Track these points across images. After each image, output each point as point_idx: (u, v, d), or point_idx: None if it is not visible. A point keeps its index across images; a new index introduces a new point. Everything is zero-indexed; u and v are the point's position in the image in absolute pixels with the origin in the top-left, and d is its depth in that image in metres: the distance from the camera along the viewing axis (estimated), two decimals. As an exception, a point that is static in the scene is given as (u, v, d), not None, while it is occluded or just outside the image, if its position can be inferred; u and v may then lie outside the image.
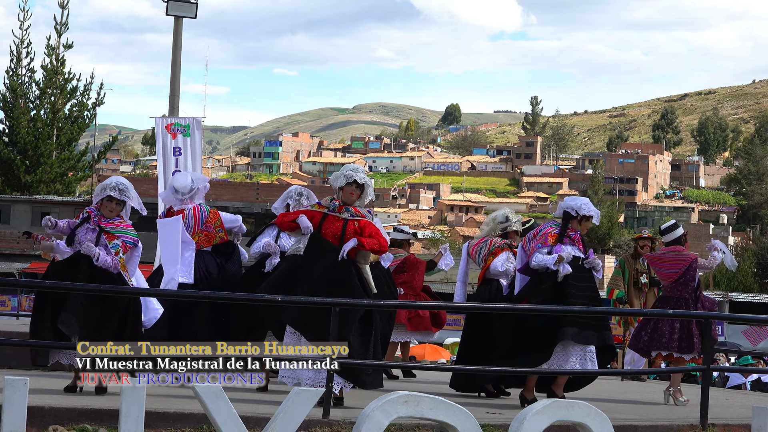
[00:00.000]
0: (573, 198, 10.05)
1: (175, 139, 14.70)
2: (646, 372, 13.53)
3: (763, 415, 7.40)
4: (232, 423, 6.22)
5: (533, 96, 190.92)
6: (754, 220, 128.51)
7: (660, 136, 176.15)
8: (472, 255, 10.95)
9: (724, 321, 29.84)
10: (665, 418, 9.26)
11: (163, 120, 15.21)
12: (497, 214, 11.02)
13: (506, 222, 10.90)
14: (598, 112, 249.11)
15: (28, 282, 9.95)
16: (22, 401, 6.04)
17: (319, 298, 8.39)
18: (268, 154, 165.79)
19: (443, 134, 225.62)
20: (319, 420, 7.58)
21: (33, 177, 45.42)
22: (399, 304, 11.30)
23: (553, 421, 6.56)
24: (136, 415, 6.09)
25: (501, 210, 11.18)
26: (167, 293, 8.75)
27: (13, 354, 9.99)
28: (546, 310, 9.44)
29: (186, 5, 20.54)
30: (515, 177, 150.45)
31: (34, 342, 8.50)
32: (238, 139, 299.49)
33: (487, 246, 10.83)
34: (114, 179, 8.67)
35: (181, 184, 9.67)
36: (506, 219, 10.91)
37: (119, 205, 8.57)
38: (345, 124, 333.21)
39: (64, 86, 46.04)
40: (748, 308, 41.09)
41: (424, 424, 7.52)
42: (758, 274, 67.41)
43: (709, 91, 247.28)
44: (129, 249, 8.51)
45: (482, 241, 10.90)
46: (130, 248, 8.51)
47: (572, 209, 9.77)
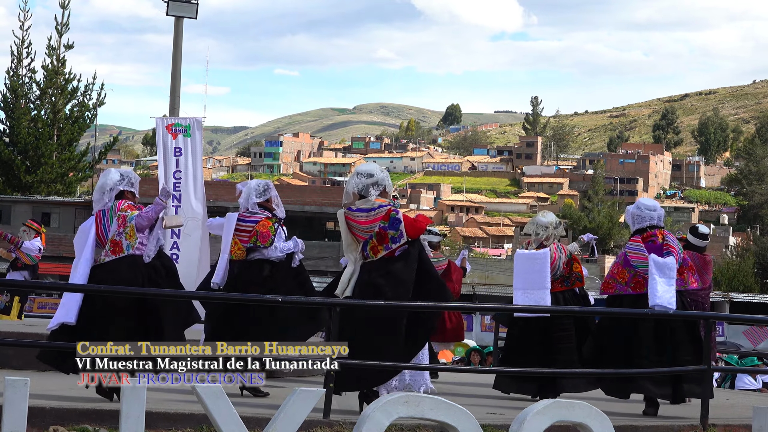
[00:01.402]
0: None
1: (175, 140, 14.69)
2: (647, 372, 13.50)
3: (764, 415, 7.40)
4: (233, 423, 6.22)
5: (534, 96, 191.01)
6: (755, 221, 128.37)
7: (660, 137, 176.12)
8: (554, 261, 10.64)
9: (725, 321, 29.85)
10: (666, 418, 9.26)
11: (164, 120, 15.20)
12: (552, 218, 10.72)
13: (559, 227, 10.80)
14: (598, 113, 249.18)
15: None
16: (23, 401, 6.04)
17: (319, 298, 8.56)
18: (268, 154, 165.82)
19: (444, 134, 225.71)
20: (319, 420, 7.58)
21: (33, 177, 45.37)
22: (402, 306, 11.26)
23: (553, 421, 6.56)
24: (137, 416, 6.09)
25: (546, 214, 10.85)
26: (168, 293, 8.73)
27: (13, 354, 9.98)
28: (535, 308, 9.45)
29: (186, 6, 20.56)
30: (516, 177, 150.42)
31: (33, 342, 8.49)
32: (239, 139, 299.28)
33: (563, 252, 10.68)
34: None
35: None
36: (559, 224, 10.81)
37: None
38: (345, 125, 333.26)
39: (65, 86, 45.98)
40: (749, 308, 41.05)
41: (424, 425, 7.51)
42: (759, 274, 67.35)
43: (710, 91, 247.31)
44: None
45: (557, 248, 10.62)
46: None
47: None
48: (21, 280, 15.04)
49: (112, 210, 8.67)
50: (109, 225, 8.61)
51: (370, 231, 8.43)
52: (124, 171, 8.99)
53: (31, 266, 15.63)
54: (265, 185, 9.84)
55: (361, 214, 8.46)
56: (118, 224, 8.60)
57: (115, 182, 8.76)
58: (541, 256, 10.22)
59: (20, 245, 15.42)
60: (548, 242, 10.49)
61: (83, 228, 8.72)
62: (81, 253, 8.56)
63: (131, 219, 8.61)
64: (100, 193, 8.80)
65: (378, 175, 8.58)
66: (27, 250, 15.48)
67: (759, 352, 21.40)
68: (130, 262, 8.53)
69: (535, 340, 10.28)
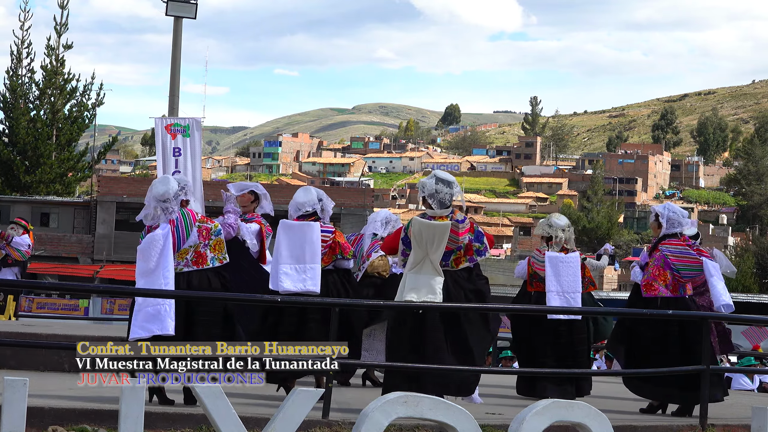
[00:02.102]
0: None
1: (174, 140, 14.70)
2: (647, 373, 13.49)
3: (763, 415, 7.40)
4: (232, 423, 6.22)
5: (533, 96, 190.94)
6: (754, 221, 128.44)
7: (660, 137, 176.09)
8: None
9: (724, 321, 29.77)
10: (665, 418, 9.27)
11: (163, 120, 15.20)
12: (566, 220, 10.79)
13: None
14: (597, 113, 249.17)
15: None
16: (22, 402, 6.03)
17: (318, 299, 8.63)
18: (267, 154, 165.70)
19: (443, 134, 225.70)
20: (318, 420, 7.58)
21: (33, 177, 45.37)
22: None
23: (552, 421, 6.56)
24: (136, 416, 6.09)
25: (559, 216, 10.89)
26: (167, 294, 8.73)
27: (12, 354, 9.98)
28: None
29: (186, 5, 20.55)
30: (515, 177, 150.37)
31: (31, 342, 8.48)
32: (238, 139, 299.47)
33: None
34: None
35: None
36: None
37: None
38: (345, 125, 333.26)
39: (64, 87, 45.98)
40: (748, 309, 41.02)
41: (423, 425, 7.51)
42: (758, 274, 67.38)
43: (709, 91, 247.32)
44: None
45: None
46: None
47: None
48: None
49: (186, 219, 8.52)
50: (185, 234, 8.46)
51: (461, 242, 8.68)
52: (179, 178, 8.77)
53: (21, 262, 15.58)
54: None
55: (458, 225, 8.68)
56: (201, 236, 8.51)
57: (177, 191, 8.58)
58: (574, 260, 10.43)
59: (10, 240, 15.38)
60: (569, 245, 10.58)
61: (156, 237, 8.32)
62: (160, 262, 8.26)
63: (218, 232, 8.58)
64: (158, 201, 8.47)
65: (456, 185, 8.81)
66: (17, 245, 15.44)
67: (757, 353, 21.38)
68: (214, 274, 8.54)
69: (549, 342, 10.36)
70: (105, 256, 46.44)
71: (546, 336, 10.41)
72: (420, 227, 8.67)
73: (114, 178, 65.59)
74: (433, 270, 8.65)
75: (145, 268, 8.24)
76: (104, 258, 46.10)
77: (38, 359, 9.91)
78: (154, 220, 8.44)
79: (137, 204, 48.23)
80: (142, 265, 8.26)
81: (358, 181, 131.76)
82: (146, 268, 8.24)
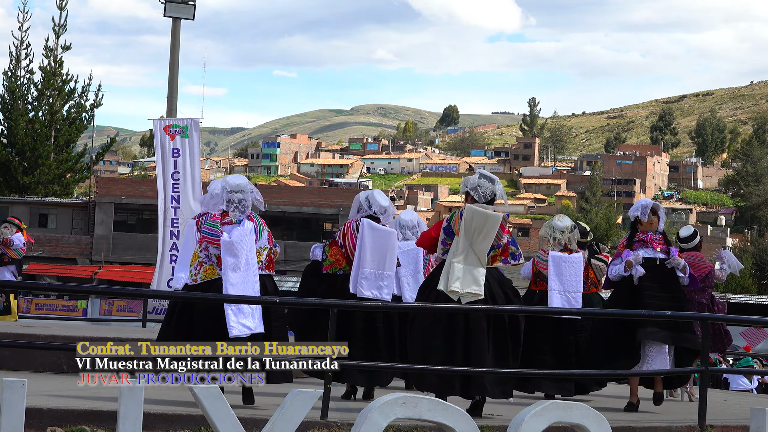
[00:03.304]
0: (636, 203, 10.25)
1: (173, 141, 14.71)
2: (647, 373, 13.50)
3: (761, 416, 7.40)
4: (230, 424, 6.21)
5: (531, 97, 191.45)
6: (752, 222, 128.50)
7: (658, 138, 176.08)
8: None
9: (723, 323, 29.79)
10: (663, 419, 9.27)
11: (161, 121, 15.22)
12: (568, 222, 10.78)
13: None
14: (596, 114, 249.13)
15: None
16: (21, 402, 6.03)
17: (318, 299, 8.65)
18: (266, 155, 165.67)
19: (441, 135, 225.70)
20: (317, 421, 7.58)
21: (31, 178, 45.34)
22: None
23: (551, 422, 6.56)
24: (135, 417, 6.08)
25: (562, 218, 10.89)
26: (167, 294, 8.73)
27: (10, 355, 9.98)
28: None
29: (184, 7, 20.57)
30: (513, 178, 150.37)
31: (30, 343, 8.47)
32: (236, 140, 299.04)
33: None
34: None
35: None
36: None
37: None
38: (343, 126, 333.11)
39: (62, 88, 45.96)
40: (746, 310, 41.03)
41: (422, 426, 7.51)
42: (756, 275, 67.41)
43: (707, 92, 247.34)
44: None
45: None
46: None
47: (631, 214, 10.07)
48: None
49: (259, 220, 8.53)
50: (258, 235, 8.47)
51: (502, 241, 8.60)
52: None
53: (17, 260, 15.68)
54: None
55: (507, 220, 8.63)
56: (269, 240, 8.57)
57: (252, 187, 8.59)
58: (576, 260, 10.50)
59: (10, 245, 15.52)
60: (572, 245, 10.61)
61: (247, 231, 8.33)
62: (249, 259, 8.30)
63: (276, 244, 8.68)
64: (232, 193, 8.46)
65: (498, 183, 8.71)
66: (13, 246, 15.56)
67: (758, 354, 21.41)
68: (269, 279, 8.60)
69: (548, 338, 10.42)
70: (103, 257, 46.38)
71: (546, 332, 10.46)
72: (473, 214, 8.42)
73: (112, 179, 65.62)
74: (477, 261, 8.45)
75: (236, 263, 8.25)
76: (103, 259, 46.04)
77: (37, 360, 9.91)
78: (214, 208, 8.42)
79: (136, 205, 48.35)
80: (232, 260, 8.26)
81: (356, 182, 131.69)
82: (237, 262, 8.25)
